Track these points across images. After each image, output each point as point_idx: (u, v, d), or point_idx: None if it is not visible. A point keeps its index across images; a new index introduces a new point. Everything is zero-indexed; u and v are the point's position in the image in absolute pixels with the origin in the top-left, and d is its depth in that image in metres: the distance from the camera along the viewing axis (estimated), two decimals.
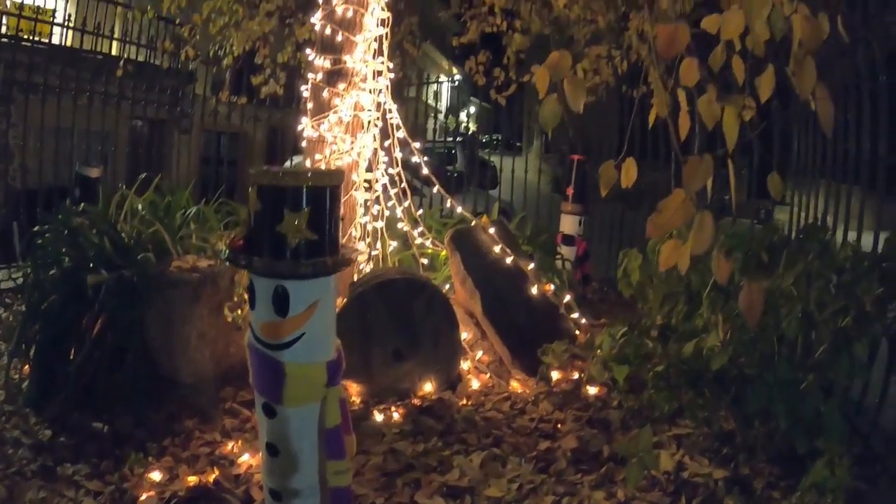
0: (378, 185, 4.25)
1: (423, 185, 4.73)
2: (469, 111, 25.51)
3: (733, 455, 3.07)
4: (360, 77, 4.24)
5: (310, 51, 4.48)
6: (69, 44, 10.12)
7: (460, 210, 4.64)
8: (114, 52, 11.20)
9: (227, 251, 2.18)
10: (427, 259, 4.62)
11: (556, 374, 3.83)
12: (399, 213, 4.33)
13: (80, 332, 3.55)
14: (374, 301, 3.30)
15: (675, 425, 3.34)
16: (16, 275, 4.94)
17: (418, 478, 2.91)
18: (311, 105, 4.34)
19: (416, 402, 3.55)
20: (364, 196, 4.22)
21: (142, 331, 3.58)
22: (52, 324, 3.65)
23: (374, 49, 4.32)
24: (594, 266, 6.35)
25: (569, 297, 4.53)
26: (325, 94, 4.22)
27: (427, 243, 4.50)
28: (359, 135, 4.21)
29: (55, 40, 10.38)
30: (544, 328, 4.02)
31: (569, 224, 5.65)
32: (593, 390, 3.69)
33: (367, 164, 4.26)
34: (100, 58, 10.41)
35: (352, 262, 2.15)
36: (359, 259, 4.11)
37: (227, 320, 3.60)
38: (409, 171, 4.64)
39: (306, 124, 4.25)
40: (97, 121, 7.84)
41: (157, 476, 2.92)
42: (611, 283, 5.76)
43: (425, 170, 4.39)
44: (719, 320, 3.00)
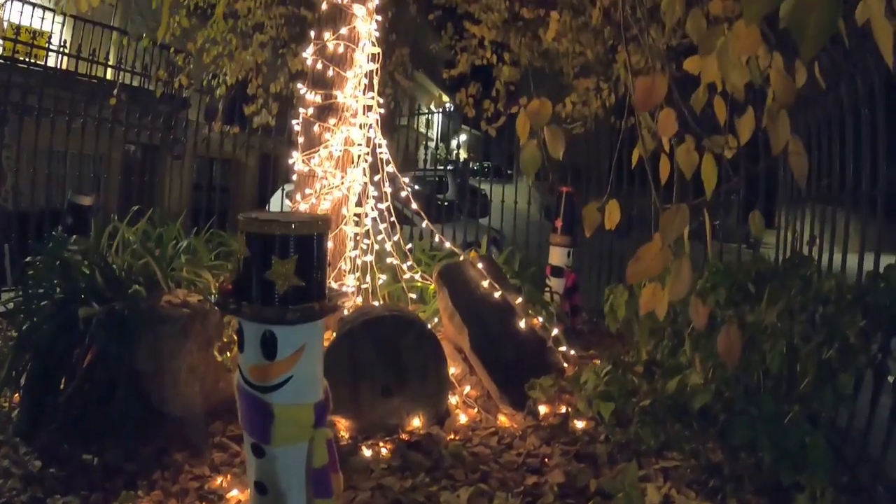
0: (367, 219, 4.29)
1: (413, 215, 4.78)
2: (460, 139, 25.65)
3: (720, 487, 3.09)
4: (350, 112, 4.31)
5: (301, 85, 4.54)
6: (64, 67, 10.21)
7: (448, 245, 4.68)
8: (108, 77, 11.30)
9: (216, 295, 2.22)
10: (416, 292, 4.65)
11: (543, 409, 3.85)
12: (388, 247, 4.37)
13: (70, 363, 3.57)
14: (362, 338, 3.33)
15: (663, 458, 3.36)
16: (6, 298, 4.95)
17: None
18: (301, 139, 4.40)
19: (405, 437, 3.56)
20: (354, 230, 4.26)
21: (132, 364, 3.59)
22: (43, 354, 3.66)
23: (365, 84, 4.39)
24: (584, 296, 6.37)
25: (557, 330, 4.57)
26: (316, 128, 4.28)
27: (416, 277, 4.53)
28: (349, 169, 4.26)
29: (51, 63, 10.47)
30: (532, 362, 4.05)
31: (557, 256, 5.69)
32: (581, 424, 3.71)
33: (356, 199, 4.31)
34: (94, 82, 10.49)
35: (338, 308, 2.19)
36: (348, 293, 4.15)
37: (217, 361, 3.62)
38: (400, 201, 4.68)
39: (297, 158, 4.30)
40: (90, 145, 7.87)
41: None
42: (601, 313, 5.78)
43: (414, 205, 4.43)
44: (701, 359, 3.04)
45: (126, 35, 10.02)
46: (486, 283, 4.21)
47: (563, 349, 4.54)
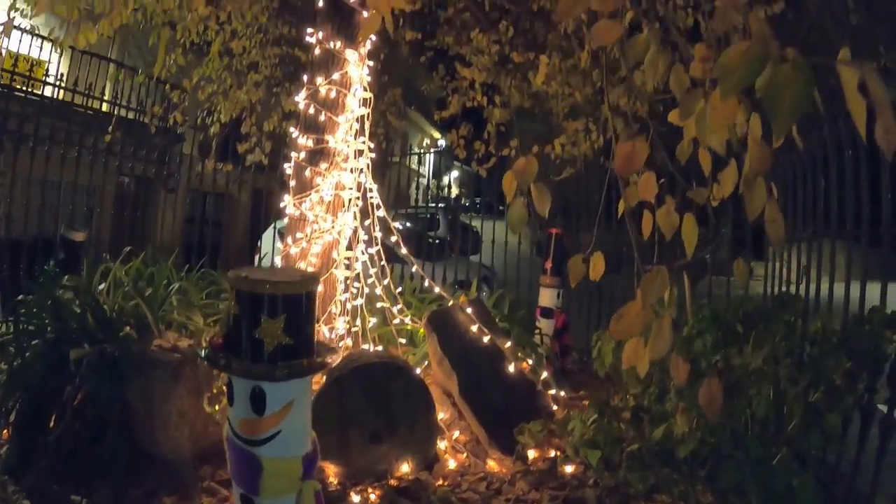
0: (358, 263, 4.33)
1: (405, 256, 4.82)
2: (452, 175, 25.84)
3: None
4: (341, 157, 4.36)
5: (293, 129, 4.60)
6: (61, 97, 10.28)
7: (438, 290, 4.71)
8: (104, 109, 11.38)
9: (206, 350, 2.25)
10: (406, 335, 4.68)
11: (532, 453, 3.87)
12: (379, 291, 4.40)
13: (61, 402, 3.60)
14: (351, 385, 3.36)
15: (652, 501, 3.37)
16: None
17: None
18: (293, 183, 4.45)
19: (393, 482, 3.57)
20: (344, 273, 4.29)
21: (123, 405, 3.61)
22: (34, 393, 3.69)
23: (356, 129, 4.45)
24: (574, 333, 6.39)
25: (546, 373, 4.59)
26: (308, 172, 4.33)
27: (406, 320, 4.56)
28: (339, 213, 4.31)
29: (48, 92, 10.53)
30: (521, 406, 4.07)
31: (547, 297, 5.71)
32: (570, 468, 3.72)
33: (347, 242, 4.35)
34: (90, 113, 10.56)
35: (327, 365, 2.22)
36: (337, 349, 4.17)
37: (207, 412, 3.64)
38: (391, 242, 4.72)
39: (288, 202, 4.35)
40: (85, 175, 7.89)
41: None
42: (591, 352, 5.81)
43: (404, 249, 4.47)
44: (686, 407, 3.07)
45: (123, 67, 10.12)
46: (475, 328, 4.24)
47: (553, 392, 4.56)
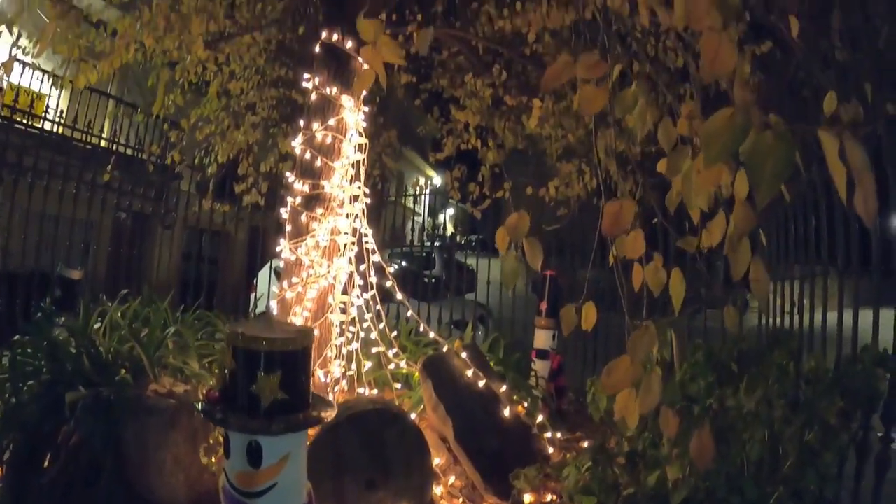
0: (353, 308, 4.36)
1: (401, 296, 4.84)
2: (447, 213, 25.96)
3: None
4: (337, 202, 4.41)
5: (290, 174, 4.65)
6: (60, 131, 10.36)
7: (433, 335, 4.73)
8: (103, 144, 11.46)
9: (202, 403, 2.27)
10: (402, 378, 4.69)
11: (528, 497, 3.86)
12: (374, 335, 4.43)
13: (56, 444, 3.61)
14: (346, 433, 3.37)
15: None
16: None
17: None
18: (289, 227, 4.49)
19: None
20: (340, 318, 4.32)
21: (117, 449, 3.63)
22: (29, 434, 3.71)
23: (352, 174, 4.50)
24: (570, 372, 6.39)
25: (542, 416, 4.60)
26: (304, 217, 4.38)
27: (402, 364, 4.58)
28: (335, 258, 4.35)
29: (47, 126, 10.62)
30: (517, 450, 4.07)
31: (542, 339, 5.73)
32: None
33: (342, 287, 4.38)
34: (89, 148, 10.62)
35: (322, 420, 2.24)
36: (333, 403, 4.19)
37: (203, 463, 3.64)
38: (386, 284, 4.74)
39: (284, 247, 4.38)
40: (82, 210, 7.88)
41: None
42: (586, 394, 5.81)
43: (399, 295, 4.50)
44: (679, 454, 3.08)
45: (122, 104, 10.20)
46: (470, 373, 4.26)
47: (549, 435, 4.57)
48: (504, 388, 4.41)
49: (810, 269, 4.82)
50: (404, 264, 9.17)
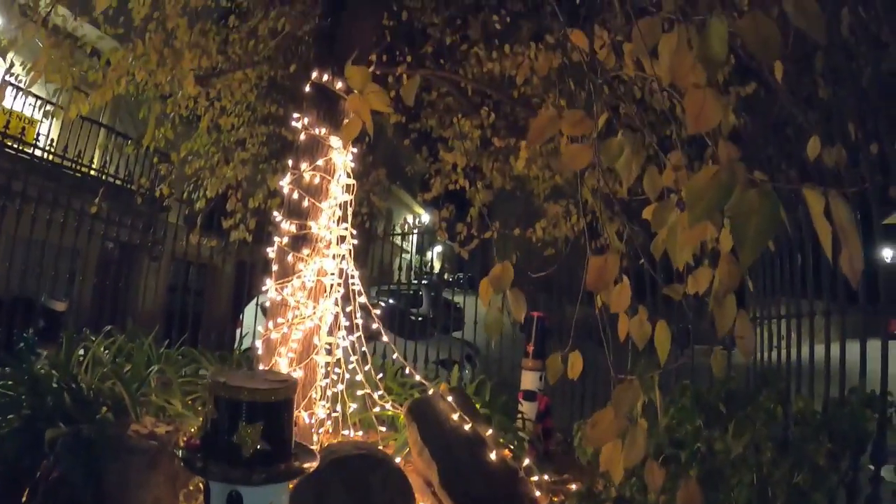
0: (338, 349, 4.34)
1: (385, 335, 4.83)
2: (435, 250, 26.04)
3: None
4: (323, 243, 4.41)
5: (277, 213, 4.65)
6: (51, 158, 10.33)
7: (419, 378, 4.71)
8: (93, 173, 11.43)
9: (183, 451, 2.25)
10: (387, 420, 4.65)
11: None
12: (360, 377, 4.40)
13: (35, 480, 3.54)
14: (330, 478, 3.33)
15: None
16: None
17: None
18: (276, 267, 4.47)
19: None
20: (325, 359, 4.29)
21: (98, 487, 3.57)
22: (8, 468, 3.67)
23: (339, 216, 4.51)
24: (559, 411, 6.35)
25: (528, 459, 4.56)
26: (290, 258, 4.37)
27: (387, 406, 4.55)
28: (321, 299, 4.33)
29: (38, 152, 10.60)
30: (503, 494, 4.02)
31: (529, 380, 5.70)
32: None
33: (328, 328, 4.36)
34: (79, 176, 10.58)
35: (304, 471, 2.22)
36: (315, 453, 4.15)
37: None
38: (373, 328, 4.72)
39: (270, 287, 4.37)
40: (69, 237, 7.80)
41: None
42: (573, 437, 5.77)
43: (385, 337, 4.48)
44: (666, 501, 3.07)
45: (113, 133, 10.20)
46: (455, 416, 4.23)
47: (536, 478, 4.52)
48: (490, 431, 4.38)
49: (796, 304, 4.85)
50: (391, 301, 9.14)
